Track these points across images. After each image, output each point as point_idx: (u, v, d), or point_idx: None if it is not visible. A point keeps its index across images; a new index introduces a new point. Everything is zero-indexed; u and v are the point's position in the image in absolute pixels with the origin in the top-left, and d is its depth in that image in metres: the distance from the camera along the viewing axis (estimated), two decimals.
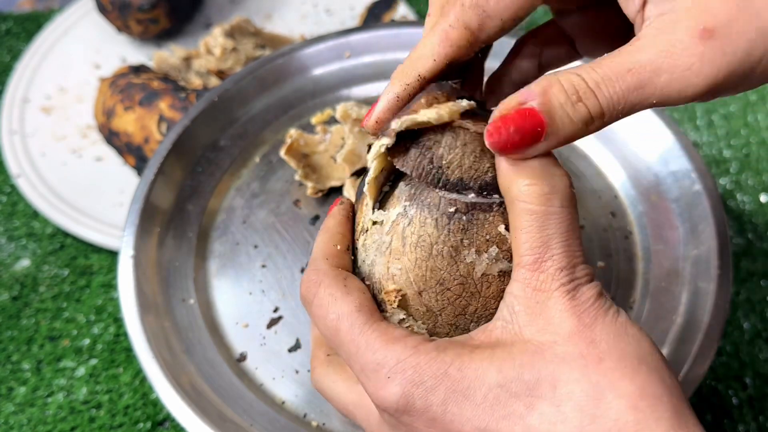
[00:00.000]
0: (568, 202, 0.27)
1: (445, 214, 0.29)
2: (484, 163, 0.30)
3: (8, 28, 0.78)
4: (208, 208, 0.47)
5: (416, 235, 0.30)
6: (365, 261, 0.32)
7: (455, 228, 0.29)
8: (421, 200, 0.30)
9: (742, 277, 0.57)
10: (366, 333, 0.29)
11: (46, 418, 0.51)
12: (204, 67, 0.66)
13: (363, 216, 0.32)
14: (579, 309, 0.27)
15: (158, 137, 0.58)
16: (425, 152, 0.30)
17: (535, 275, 0.27)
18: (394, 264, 0.30)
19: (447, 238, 0.29)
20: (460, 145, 0.29)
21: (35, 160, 0.65)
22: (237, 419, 0.39)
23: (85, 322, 0.56)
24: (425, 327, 0.31)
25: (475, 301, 0.30)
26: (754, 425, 0.50)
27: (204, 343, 0.42)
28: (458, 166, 0.30)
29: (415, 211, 0.30)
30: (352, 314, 0.29)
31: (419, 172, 0.30)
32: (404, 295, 0.30)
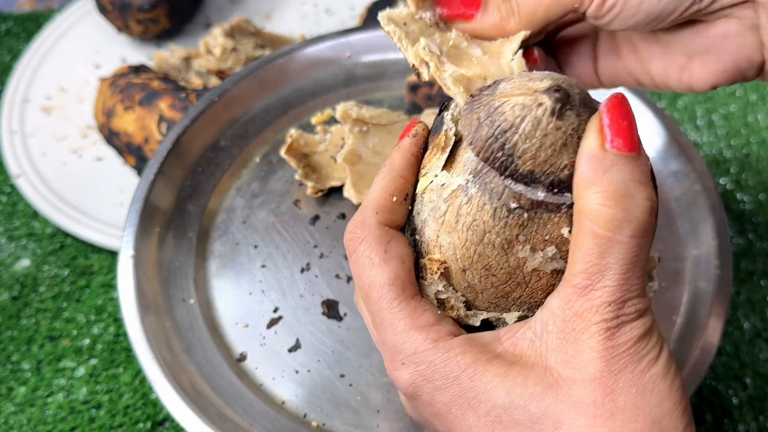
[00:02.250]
0: (641, 233, 0.25)
1: (506, 206, 0.27)
2: (562, 158, 0.27)
3: (8, 28, 0.78)
4: (208, 208, 0.47)
5: (471, 217, 0.28)
6: (419, 214, 0.30)
7: (513, 223, 0.27)
8: (486, 182, 0.27)
9: (742, 277, 0.57)
10: (393, 310, 0.28)
11: (46, 418, 0.51)
12: (204, 67, 0.66)
13: (430, 163, 0.30)
14: (612, 352, 0.26)
15: (158, 137, 0.58)
16: (498, 135, 0.27)
17: (580, 301, 0.26)
18: (443, 235, 0.29)
19: (502, 230, 0.27)
20: (540, 136, 0.26)
21: (35, 160, 0.65)
22: (237, 419, 0.39)
23: (85, 322, 0.56)
24: (464, 299, 0.30)
25: (520, 290, 0.29)
26: (754, 425, 0.50)
27: (204, 343, 0.42)
28: (532, 158, 0.27)
29: (476, 191, 0.28)
30: (384, 286, 0.29)
31: (487, 155, 0.27)
32: (447, 268, 0.29)
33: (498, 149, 0.27)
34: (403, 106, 0.52)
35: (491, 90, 0.28)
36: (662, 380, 0.26)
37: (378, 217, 0.30)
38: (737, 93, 0.69)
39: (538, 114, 0.26)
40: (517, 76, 0.28)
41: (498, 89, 0.28)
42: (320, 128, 0.49)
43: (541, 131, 0.26)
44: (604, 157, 0.25)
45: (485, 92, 0.28)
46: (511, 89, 0.27)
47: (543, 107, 0.26)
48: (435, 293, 0.30)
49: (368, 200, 0.31)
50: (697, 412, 0.51)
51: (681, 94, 0.69)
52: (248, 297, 0.44)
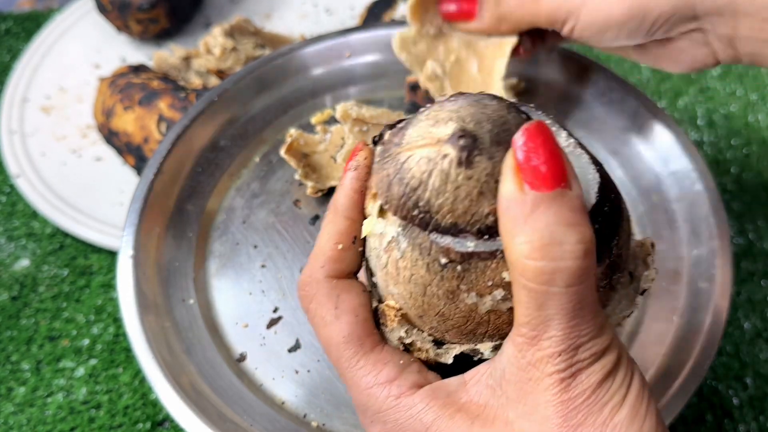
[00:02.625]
0: (576, 279, 0.23)
1: (437, 261, 0.25)
2: (483, 207, 0.25)
3: (8, 27, 0.78)
4: (208, 208, 0.47)
5: (409, 271, 0.26)
6: (371, 257, 0.29)
7: (449, 275, 0.26)
8: (413, 236, 0.26)
9: (743, 277, 0.57)
10: (352, 369, 0.28)
11: (45, 419, 0.51)
12: (204, 66, 0.66)
13: (369, 205, 0.28)
14: (568, 405, 0.24)
15: (158, 137, 0.58)
16: (409, 193, 0.25)
17: (531, 350, 0.24)
18: (391, 286, 0.28)
19: (441, 283, 0.26)
20: (451, 189, 0.25)
21: (35, 160, 0.65)
22: (237, 419, 0.39)
23: (84, 322, 0.56)
24: (431, 338, 0.29)
25: (484, 327, 0.27)
26: (754, 425, 0.50)
27: (204, 343, 0.42)
28: (450, 212, 0.25)
29: (406, 245, 0.26)
30: (339, 345, 0.28)
31: (404, 214, 0.26)
32: (405, 314, 0.28)
33: (412, 207, 0.25)
34: (403, 106, 0.52)
35: (399, 139, 0.27)
36: (628, 428, 0.24)
37: (325, 270, 0.29)
38: (738, 93, 0.69)
39: (445, 167, 0.25)
40: (424, 116, 0.26)
41: (404, 139, 0.26)
42: (320, 128, 0.49)
43: (452, 184, 0.25)
44: (523, 201, 0.23)
45: (394, 141, 0.27)
46: (416, 139, 0.26)
47: (448, 159, 0.24)
48: (398, 339, 0.29)
49: (316, 251, 0.30)
50: (697, 412, 0.51)
51: (682, 94, 0.69)
52: (248, 297, 0.44)
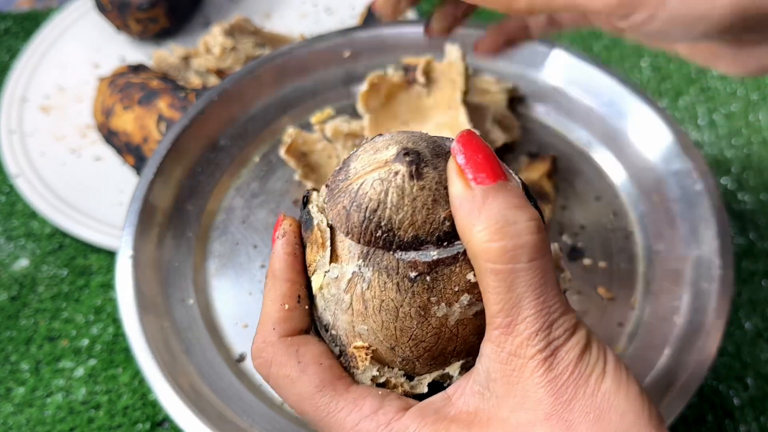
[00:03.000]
0: (537, 253, 0.25)
1: (407, 277, 0.27)
2: (439, 213, 0.27)
3: (7, 27, 0.78)
4: (208, 208, 0.47)
5: (378, 299, 0.27)
6: (327, 310, 0.29)
7: (420, 289, 0.27)
8: (377, 262, 0.27)
9: (744, 277, 0.57)
10: (333, 414, 0.27)
11: (44, 419, 0.51)
12: (203, 66, 0.66)
13: (315, 261, 0.29)
14: (556, 383, 0.25)
15: (157, 137, 0.58)
16: (370, 216, 0.27)
17: (509, 339, 0.25)
18: (359, 325, 0.28)
19: (412, 300, 0.27)
20: (409, 202, 0.26)
21: (34, 159, 0.65)
22: (236, 420, 0.38)
23: (84, 323, 0.56)
24: (403, 372, 0.29)
25: (453, 343, 0.28)
26: (755, 425, 0.50)
27: (203, 344, 0.42)
28: (411, 225, 0.27)
29: (371, 273, 0.27)
30: (314, 397, 0.28)
31: (368, 239, 0.27)
32: (375, 350, 0.28)
33: (375, 229, 0.27)
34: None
35: (344, 174, 0.28)
36: (616, 395, 0.25)
37: (277, 331, 0.29)
38: (738, 92, 0.69)
39: (399, 182, 0.26)
40: (361, 150, 0.28)
41: (350, 172, 0.28)
42: (318, 127, 0.49)
43: (408, 197, 0.26)
44: (473, 196, 0.25)
45: (339, 178, 0.28)
46: (363, 168, 0.27)
47: (400, 174, 0.26)
48: (372, 379, 0.29)
49: (263, 318, 0.30)
50: (698, 413, 0.51)
51: (682, 93, 0.69)
52: (248, 297, 0.44)
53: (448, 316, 0.27)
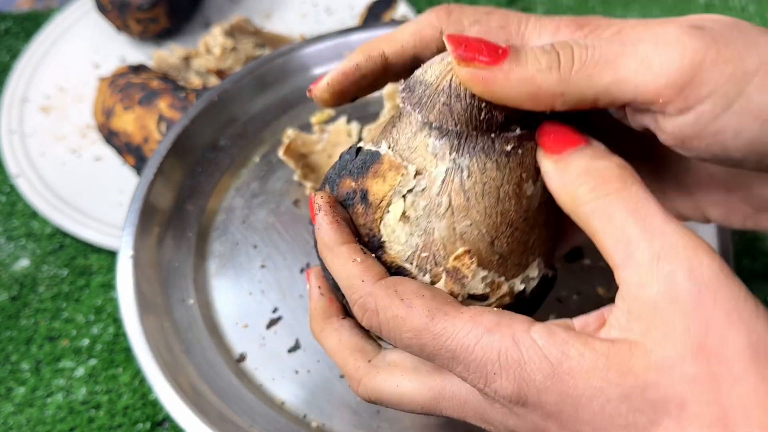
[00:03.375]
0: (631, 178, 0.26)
1: (503, 153, 0.29)
2: None
3: (7, 27, 0.78)
4: (208, 208, 0.47)
5: (480, 184, 0.29)
6: (413, 234, 0.29)
7: (514, 164, 0.29)
8: (471, 147, 0.29)
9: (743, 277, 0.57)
10: (453, 337, 0.26)
11: (45, 419, 0.51)
12: (203, 66, 0.66)
13: (387, 188, 0.29)
14: (705, 313, 0.23)
15: (158, 137, 0.58)
16: (471, 101, 0.28)
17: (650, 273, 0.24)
18: (461, 222, 0.29)
19: (510, 176, 0.29)
20: None
21: (34, 159, 0.65)
22: (236, 420, 0.39)
23: (84, 323, 0.56)
24: (498, 275, 0.30)
25: (534, 234, 0.30)
26: None
27: (203, 344, 0.42)
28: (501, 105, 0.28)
29: (469, 160, 0.29)
30: (428, 327, 0.27)
31: (474, 123, 0.28)
32: (477, 251, 0.29)
33: (479, 112, 0.28)
34: None
35: (423, 87, 0.29)
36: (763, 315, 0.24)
37: (368, 280, 0.28)
38: None
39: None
40: (426, 66, 0.29)
41: (429, 80, 0.29)
42: (317, 128, 0.49)
43: None
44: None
45: (418, 92, 0.29)
46: (441, 72, 0.29)
47: None
48: (482, 280, 0.30)
49: (344, 282, 0.29)
50: None
51: None
52: (248, 297, 0.44)
53: (533, 197, 0.29)
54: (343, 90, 0.31)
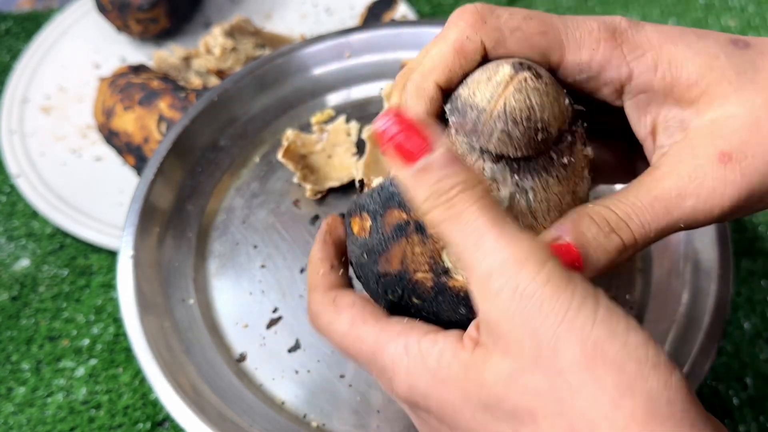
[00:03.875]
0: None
1: (561, 165, 0.29)
2: (564, 101, 0.29)
3: (7, 27, 0.78)
4: (208, 208, 0.47)
5: (545, 201, 0.29)
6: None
7: (570, 173, 0.29)
8: (532, 168, 0.28)
9: (743, 277, 0.57)
10: (365, 344, 0.29)
11: (45, 419, 0.51)
12: (204, 66, 0.66)
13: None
14: (532, 327, 0.24)
15: (158, 137, 0.58)
16: (528, 124, 0.28)
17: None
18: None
19: (569, 185, 0.29)
20: (547, 99, 0.28)
21: (35, 159, 0.65)
22: (237, 419, 0.39)
23: (84, 322, 0.56)
24: None
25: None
26: (754, 425, 0.50)
27: (203, 344, 0.42)
28: (555, 119, 0.28)
29: (531, 180, 0.29)
30: (348, 332, 0.30)
31: (534, 146, 0.28)
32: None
33: (536, 133, 0.28)
34: None
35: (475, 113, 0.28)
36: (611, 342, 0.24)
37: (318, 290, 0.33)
38: None
39: (531, 85, 0.28)
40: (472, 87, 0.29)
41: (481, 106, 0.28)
42: (317, 128, 0.49)
43: (545, 95, 0.28)
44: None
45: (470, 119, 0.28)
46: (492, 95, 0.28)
47: (529, 79, 0.28)
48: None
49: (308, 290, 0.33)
50: None
51: None
52: (248, 297, 0.44)
53: (583, 195, 0.30)
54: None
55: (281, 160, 0.47)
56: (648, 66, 0.29)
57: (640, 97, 0.30)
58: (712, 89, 0.28)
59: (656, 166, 0.29)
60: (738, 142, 0.27)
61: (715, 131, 0.28)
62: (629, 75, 0.29)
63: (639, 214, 0.28)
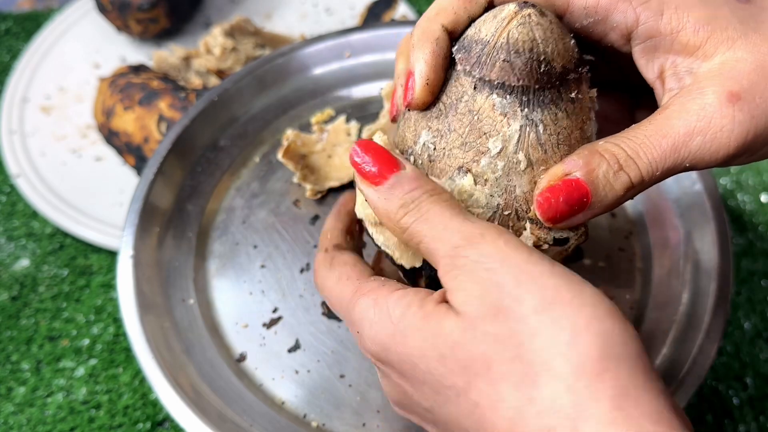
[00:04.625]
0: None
1: (569, 100, 0.29)
2: (569, 40, 0.30)
3: (8, 27, 0.78)
4: (208, 208, 0.47)
5: (554, 135, 0.29)
6: (493, 196, 0.30)
7: (578, 108, 0.30)
8: (541, 101, 0.29)
9: (743, 277, 0.57)
10: (345, 300, 0.31)
11: (45, 419, 0.51)
12: (204, 66, 0.66)
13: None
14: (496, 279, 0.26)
15: (158, 137, 0.58)
16: (530, 56, 0.29)
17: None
18: (540, 175, 0.30)
19: (577, 121, 0.30)
20: (551, 35, 0.29)
21: (35, 159, 0.65)
22: (237, 419, 0.39)
23: (84, 322, 0.56)
24: None
25: None
26: (754, 425, 0.50)
27: (203, 344, 0.42)
28: (558, 54, 0.29)
29: (541, 113, 0.29)
30: (335, 287, 0.32)
31: (535, 77, 0.29)
32: None
33: (539, 65, 0.29)
34: None
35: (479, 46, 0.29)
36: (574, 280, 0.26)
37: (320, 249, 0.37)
38: None
39: (536, 20, 0.29)
40: (479, 23, 0.30)
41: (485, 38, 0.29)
42: (317, 127, 0.49)
43: (548, 30, 0.29)
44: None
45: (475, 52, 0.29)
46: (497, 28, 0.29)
47: (533, 14, 0.29)
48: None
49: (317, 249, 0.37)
50: (697, 413, 0.51)
51: None
52: (248, 297, 0.44)
53: (591, 136, 0.31)
54: (440, 79, 0.31)
55: (281, 160, 0.47)
56: (654, 11, 0.29)
57: (647, 42, 0.30)
58: (718, 34, 0.29)
59: (665, 106, 0.29)
60: (747, 83, 0.28)
61: (724, 72, 0.28)
62: (636, 20, 0.30)
63: (647, 152, 0.28)
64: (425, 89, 0.30)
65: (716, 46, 0.29)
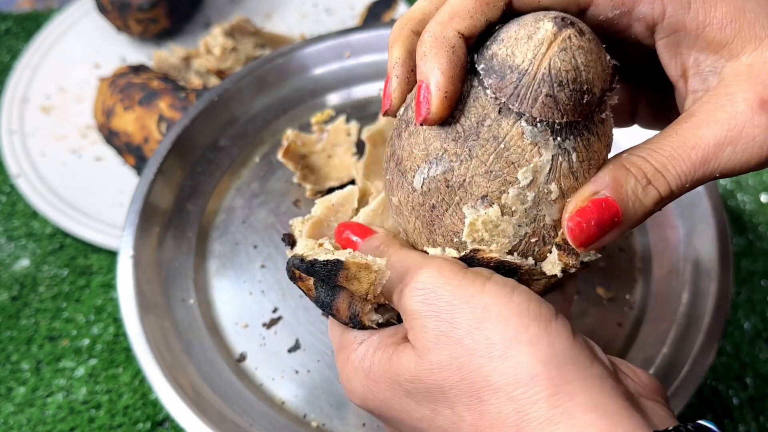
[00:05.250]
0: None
1: (599, 122, 0.28)
2: (605, 55, 0.28)
3: (8, 27, 0.78)
4: (208, 208, 0.47)
5: (586, 161, 0.28)
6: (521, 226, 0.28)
7: (606, 126, 0.28)
8: (573, 128, 0.27)
9: (743, 277, 0.57)
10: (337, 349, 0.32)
11: (45, 418, 0.51)
12: (204, 66, 0.66)
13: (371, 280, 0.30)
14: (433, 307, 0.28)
15: (158, 137, 0.58)
16: (574, 87, 0.26)
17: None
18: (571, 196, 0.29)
19: (605, 140, 0.29)
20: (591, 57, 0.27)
21: (35, 160, 0.65)
22: (237, 419, 0.39)
23: (84, 322, 0.56)
24: None
25: None
26: (754, 425, 0.50)
27: (203, 344, 0.42)
28: (598, 78, 0.27)
29: (574, 142, 0.27)
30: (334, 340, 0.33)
31: (579, 110, 0.27)
32: None
33: (582, 96, 0.27)
34: None
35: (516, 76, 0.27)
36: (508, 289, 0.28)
37: None
38: None
39: (576, 43, 0.26)
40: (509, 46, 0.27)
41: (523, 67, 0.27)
42: (317, 127, 0.49)
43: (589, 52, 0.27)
44: None
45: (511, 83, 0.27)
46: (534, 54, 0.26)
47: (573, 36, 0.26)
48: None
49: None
50: (697, 413, 0.51)
51: None
52: (248, 297, 0.44)
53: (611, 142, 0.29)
54: (459, 92, 0.28)
55: (281, 160, 0.47)
56: (681, 3, 0.28)
57: (671, 36, 0.29)
58: (746, 32, 0.28)
59: (691, 113, 0.28)
60: None
61: (754, 77, 0.27)
62: (662, 12, 0.28)
63: (676, 165, 0.27)
64: (444, 103, 0.27)
65: (743, 45, 0.28)
